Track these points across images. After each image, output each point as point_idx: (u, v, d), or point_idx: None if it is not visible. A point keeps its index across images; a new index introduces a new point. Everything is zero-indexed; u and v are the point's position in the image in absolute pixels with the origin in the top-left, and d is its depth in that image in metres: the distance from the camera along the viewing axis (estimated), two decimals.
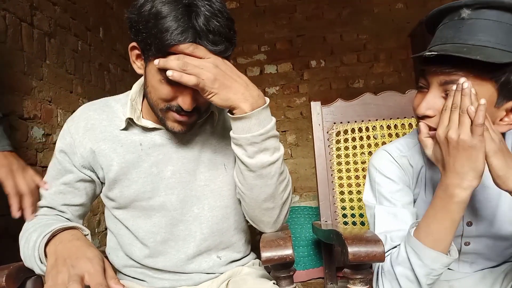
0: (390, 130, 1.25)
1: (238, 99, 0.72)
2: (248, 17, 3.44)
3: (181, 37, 0.68)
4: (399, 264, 0.75)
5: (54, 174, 0.87)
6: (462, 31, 0.71)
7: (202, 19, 0.68)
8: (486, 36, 0.69)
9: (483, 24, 0.70)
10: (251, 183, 0.78)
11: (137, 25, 0.72)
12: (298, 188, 3.33)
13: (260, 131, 0.73)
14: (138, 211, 0.88)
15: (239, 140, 0.74)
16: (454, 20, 0.73)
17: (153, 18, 0.69)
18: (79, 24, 2.25)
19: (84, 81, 2.26)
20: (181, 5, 0.68)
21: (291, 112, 3.41)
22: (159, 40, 0.69)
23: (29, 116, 1.74)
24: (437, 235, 0.72)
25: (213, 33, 0.69)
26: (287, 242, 0.73)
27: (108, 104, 0.89)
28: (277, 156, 0.77)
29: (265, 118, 0.74)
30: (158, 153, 0.86)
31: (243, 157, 0.76)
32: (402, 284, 0.75)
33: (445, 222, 0.72)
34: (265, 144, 0.74)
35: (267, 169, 0.76)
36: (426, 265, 0.72)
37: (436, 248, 0.71)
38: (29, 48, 1.76)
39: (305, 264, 1.89)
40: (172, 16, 0.68)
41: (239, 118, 0.73)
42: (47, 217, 0.84)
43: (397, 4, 3.34)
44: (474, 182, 0.69)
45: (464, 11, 0.71)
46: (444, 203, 0.72)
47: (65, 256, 0.67)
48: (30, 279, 0.79)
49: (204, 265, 0.91)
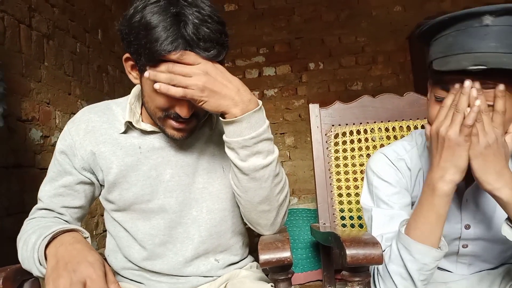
0: (388, 133, 1.25)
1: (228, 105, 0.72)
2: (246, 19, 3.45)
3: (171, 47, 0.68)
4: (392, 261, 0.76)
5: (53, 175, 0.87)
6: (488, 38, 0.68)
7: (191, 28, 0.68)
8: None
9: (510, 31, 0.67)
10: (245, 186, 0.78)
11: (128, 37, 0.72)
12: (296, 190, 3.33)
13: (252, 135, 0.73)
14: (137, 213, 0.88)
15: (231, 143, 0.75)
16: (475, 27, 0.69)
17: (143, 29, 0.69)
18: (78, 26, 2.25)
19: (82, 83, 2.26)
20: (169, 14, 0.68)
21: (289, 114, 3.41)
22: (149, 51, 0.69)
23: (27, 118, 1.74)
24: (424, 229, 0.73)
25: (203, 40, 0.69)
26: (285, 244, 0.73)
27: (109, 107, 0.90)
28: (271, 159, 0.76)
29: (257, 122, 0.74)
30: (157, 156, 0.86)
31: (236, 161, 0.76)
32: (397, 282, 0.75)
33: (430, 216, 0.73)
34: (258, 148, 0.74)
35: (261, 172, 0.76)
36: (417, 259, 0.73)
37: (425, 243, 0.72)
38: (27, 50, 1.76)
39: (303, 267, 1.88)
40: (161, 26, 0.68)
41: (230, 122, 0.73)
42: (46, 219, 0.83)
43: (395, 7, 3.34)
44: (456, 177, 0.71)
45: (488, 17, 0.68)
46: (427, 196, 0.74)
47: (66, 259, 0.67)
48: (27, 281, 0.79)
49: (202, 268, 0.91)
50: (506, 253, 0.88)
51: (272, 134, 0.78)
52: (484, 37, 0.69)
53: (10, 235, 0.84)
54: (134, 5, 0.72)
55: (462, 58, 0.70)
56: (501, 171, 0.70)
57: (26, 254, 0.75)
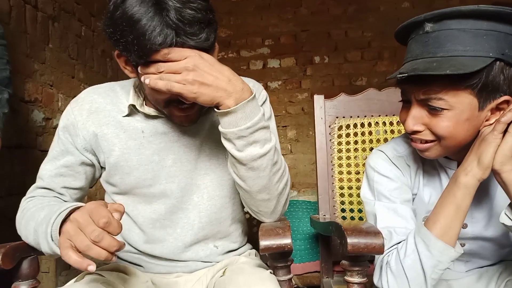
0: (393, 127, 1.25)
1: (221, 96, 0.70)
2: (253, 10, 3.42)
3: (160, 39, 0.65)
4: (408, 256, 0.75)
5: (55, 154, 0.86)
6: (429, 44, 0.71)
7: (173, 14, 0.65)
8: (453, 45, 0.69)
9: (448, 34, 0.70)
10: (243, 175, 0.77)
11: (114, 35, 0.69)
12: (296, 184, 3.33)
13: (247, 125, 0.71)
14: (138, 197, 0.88)
15: (227, 134, 0.73)
16: (420, 35, 0.73)
17: (127, 25, 0.66)
18: (84, 10, 2.24)
19: (86, 67, 2.25)
20: (150, 4, 0.65)
21: (292, 108, 3.40)
22: (138, 47, 0.67)
23: (30, 99, 1.74)
24: (444, 221, 0.73)
25: (189, 24, 0.66)
26: (286, 231, 0.73)
27: (114, 89, 0.89)
28: (268, 148, 0.75)
29: (252, 111, 0.72)
30: (160, 141, 0.86)
31: (233, 151, 0.74)
32: (409, 276, 0.75)
33: (450, 208, 0.74)
34: (254, 137, 0.73)
35: (258, 162, 0.75)
36: (434, 256, 0.72)
37: (443, 238, 0.73)
38: (32, 31, 1.75)
39: (301, 258, 1.89)
40: (145, 19, 0.65)
41: (225, 113, 0.71)
42: (48, 198, 0.83)
43: (403, 3, 3.31)
44: (477, 171, 0.72)
45: (427, 25, 0.71)
46: (449, 189, 0.75)
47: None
48: (26, 259, 0.79)
49: (201, 254, 0.91)
50: (503, 250, 0.88)
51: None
52: (425, 43, 0.72)
53: (11, 216, 0.84)
54: (112, 0, 0.69)
55: (406, 66, 0.74)
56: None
57: (35, 228, 0.73)
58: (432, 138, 0.76)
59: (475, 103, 0.71)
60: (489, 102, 0.72)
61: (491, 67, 0.68)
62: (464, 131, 0.73)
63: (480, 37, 0.68)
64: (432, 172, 0.88)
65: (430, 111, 0.73)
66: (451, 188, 0.75)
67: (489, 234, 0.84)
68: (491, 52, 0.68)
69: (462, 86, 0.69)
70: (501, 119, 0.70)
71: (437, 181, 0.87)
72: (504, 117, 0.70)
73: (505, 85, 0.70)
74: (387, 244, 0.80)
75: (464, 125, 0.73)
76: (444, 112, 0.72)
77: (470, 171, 0.73)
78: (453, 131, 0.73)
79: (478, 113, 0.72)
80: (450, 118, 0.72)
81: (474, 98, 0.71)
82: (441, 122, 0.73)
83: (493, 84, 0.69)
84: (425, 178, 0.88)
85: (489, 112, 0.73)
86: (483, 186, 0.77)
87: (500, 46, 0.68)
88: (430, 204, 0.85)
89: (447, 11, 0.69)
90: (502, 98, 0.71)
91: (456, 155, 0.82)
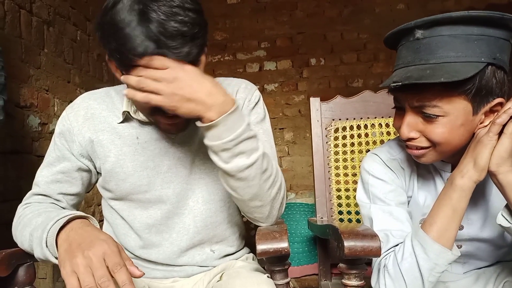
0: (389, 128, 1.25)
1: (200, 110, 0.68)
2: (249, 13, 3.42)
3: (140, 50, 0.64)
4: (405, 259, 0.75)
5: (51, 160, 0.86)
6: (421, 51, 0.71)
7: (155, 26, 0.64)
8: (445, 51, 0.69)
9: (439, 40, 0.69)
10: (232, 185, 0.76)
11: (102, 39, 0.70)
12: (294, 186, 3.33)
13: (230, 137, 0.70)
14: (134, 203, 0.88)
15: (212, 147, 0.72)
16: (410, 41, 0.73)
17: (112, 32, 0.66)
18: (79, 14, 2.23)
19: (82, 71, 2.24)
20: (134, 13, 0.64)
21: (289, 110, 3.40)
22: (119, 55, 0.67)
23: (26, 105, 1.73)
24: (440, 224, 0.73)
25: (171, 37, 0.65)
26: (283, 235, 0.73)
27: (109, 94, 0.89)
28: (255, 157, 0.74)
29: (235, 123, 0.71)
30: (155, 147, 0.86)
31: (219, 163, 0.74)
32: (407, 279, 0.74)
33: (446, 211, 0.74)
34: (239, 148, 0.72)
35: (246, 172, 0.73)
36: (431, 258, 0.72)
37: (440, 241, 0.72)
38: (27, 36, 1.74)
39: (299, 260, 1.89)
40: (128, 28, 0.64)
41: (207, 127, 0.70)
42: (44, 205, 0.82)
43: (398, 4, 3.33)
44: (473, 173, 0.72)
45: (418, 31, 0.71)
46: (445, 191, 0.75)
47: (79, 241, 0.64)
48: (22, 266, 0.78)
49: (197, 258, 0.91)
50: (499, 251, 0.88)
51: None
52: (417, 50, 0.72)
53: (5, 221, 0.83)
54: (105, 3, 0.69)
55: (398, 73, 0.74)
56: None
57: (31, 233, 0.72)
58: (427, 144, 0.76)
59: (469, 108, 0.71)
60: (483, 106, 0.72)
61: (483, 72, 0.68)
62: (459, 136, 0.74)
63: (471, 42, 0.68)
64: (426, 175, 0.88)
65: (425, 118, 0.73)
66: (447, 191, 0.75)
67: (485, 235, 0.84)
68: (483, 57, 0.68)
69: (456, 92, 0.69)
70: (496, 121, 0.70)
71: (431, 183, 0.87)
72: (499, 119, 0.70)
73: (498, 88, 0.71)
74: (384, 247, 0.80)
75: (459, 130, 0.73)
76: (439, 118, 0.72)
77: (466, 173, 0.73)
78: (448, 137, 0.73)
79: (473, 118, 0.73)
80: (445, 124, 0.72)
81: (468, 103, 0.71)
82: (436, 129, 0.73)
83: (486, 88, 0.69)
84: (419, 181, 0.88)
85: (483, 115, 0.73)
86: (478, 187, 0.76)
87: (492, 50, 0.68)
88: (425, 207, 0.85)
89: (438, 18, 0.69)
90: (495, 101, 0.72)
91: (450, 158, 0.82)
